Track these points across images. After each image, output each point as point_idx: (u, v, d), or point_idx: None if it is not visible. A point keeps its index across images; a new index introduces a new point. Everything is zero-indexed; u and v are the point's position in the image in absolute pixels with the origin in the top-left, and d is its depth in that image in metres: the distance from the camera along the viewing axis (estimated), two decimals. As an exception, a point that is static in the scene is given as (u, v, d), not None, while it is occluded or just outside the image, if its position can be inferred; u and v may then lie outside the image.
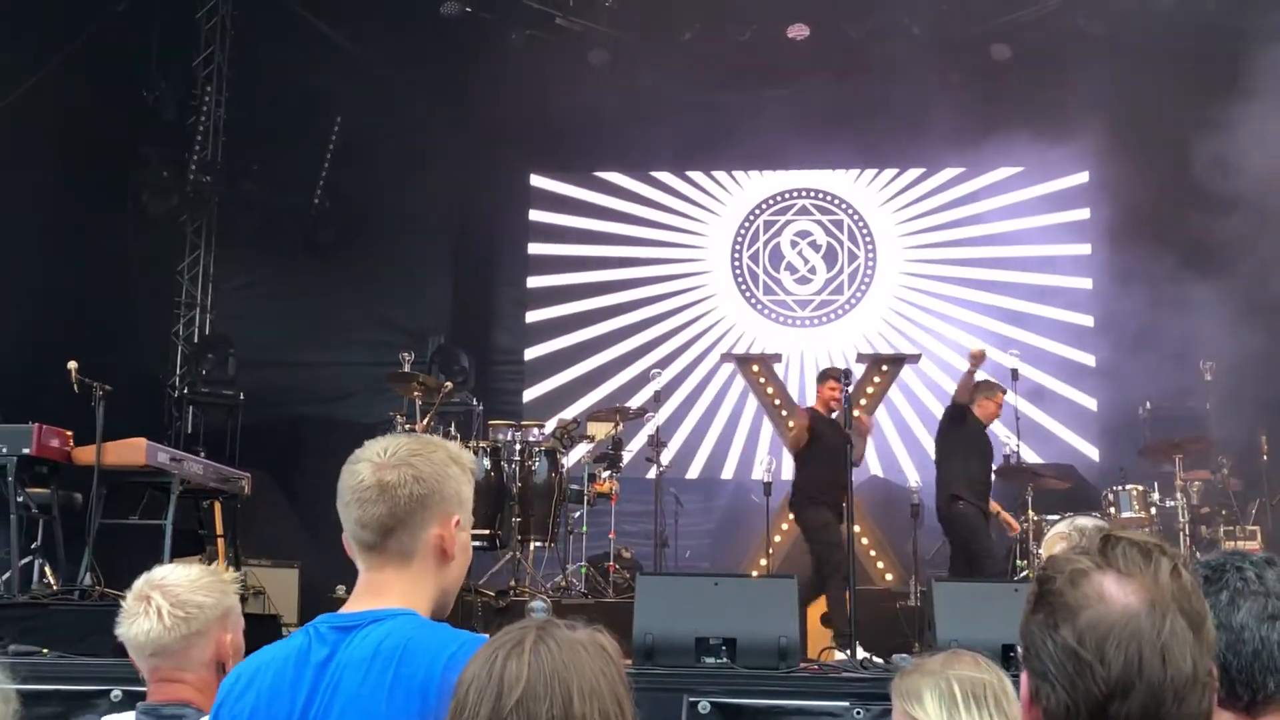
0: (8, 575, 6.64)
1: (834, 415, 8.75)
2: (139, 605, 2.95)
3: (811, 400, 12.83)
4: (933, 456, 9.56)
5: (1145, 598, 1.55)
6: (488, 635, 2.26)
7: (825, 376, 9.07)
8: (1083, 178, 12.94)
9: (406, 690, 2.17)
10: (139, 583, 2.99)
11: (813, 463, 8.74)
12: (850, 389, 7.34)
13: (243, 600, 7.98)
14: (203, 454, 9.11)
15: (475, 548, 9.42)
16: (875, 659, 6.27)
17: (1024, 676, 1.63)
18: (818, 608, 8.48)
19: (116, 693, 5.06)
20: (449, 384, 9.90)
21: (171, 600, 2.94)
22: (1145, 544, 1.61)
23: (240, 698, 2.35)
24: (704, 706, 4.95)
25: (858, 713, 4.98)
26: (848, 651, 6.56)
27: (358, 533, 2.38)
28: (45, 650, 5.49)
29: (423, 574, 2.39)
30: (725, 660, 5.44)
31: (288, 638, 2.41)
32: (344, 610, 2.38)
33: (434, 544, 2.38)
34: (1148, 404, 11.22)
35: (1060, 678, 1.55)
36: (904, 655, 5.84)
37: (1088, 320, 12.77)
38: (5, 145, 9.93)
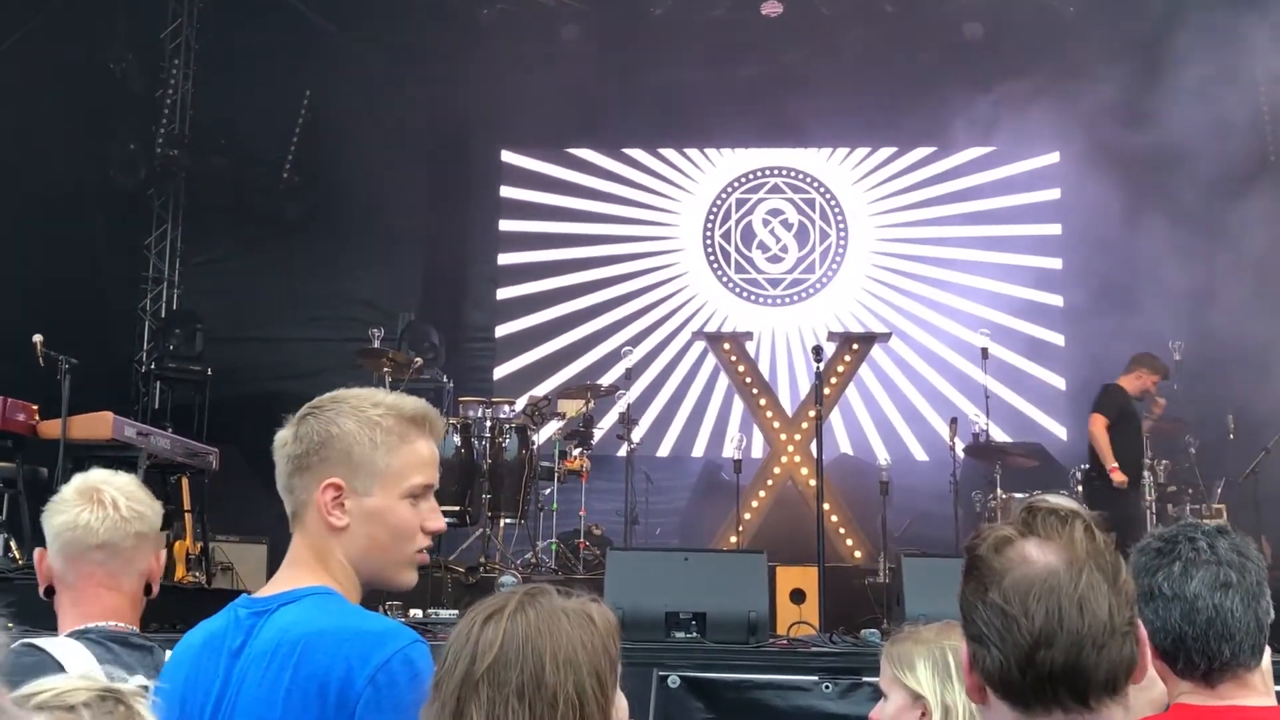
0: (-29, 549, 6.58)
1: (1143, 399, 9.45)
2: (85, 497, 2.64)
3: (783, 380, 12.98)
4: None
5: (1064, 557, 1.70)
6: (406, 625, 2.20)
7: (1140, 365, 9.42)
8: (1054, 158, 12.99)
9: (304, 692, 2.01)
10: (77, 481, 2.67)
11: (1119, 439, 9.07)
12: (821, 366, 7.33)
13: (211, 576, 7.96)
14: (170, 430, 9.04)
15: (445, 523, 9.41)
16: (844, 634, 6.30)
17: (963, 644, 1.77)
18: (787, 583, 8.49)
19: (82, 667, 5.02)
20: (418, 360, 9.86)
21: (126, 495, 2.66)
22: (1061, 510, 1.76)
23: (170, 680, 2.19)
24: (674, 680, 4.97)
25: (826, 687, 5.00)
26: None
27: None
28: (10, 625, 5.43)
29: (320, 545, 2.17)
30: (695, 635, 5.46)
31: (214, 617, 2.25)
32: (268, 586, 2.22)
33: (316, 510, 2.16)
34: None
35: (992, 636, 1.69)
36: (873, 630, 5.89)
37: (1057, 300, 12.83)
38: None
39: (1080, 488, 9.41)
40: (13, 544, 6.94)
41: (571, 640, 1.80)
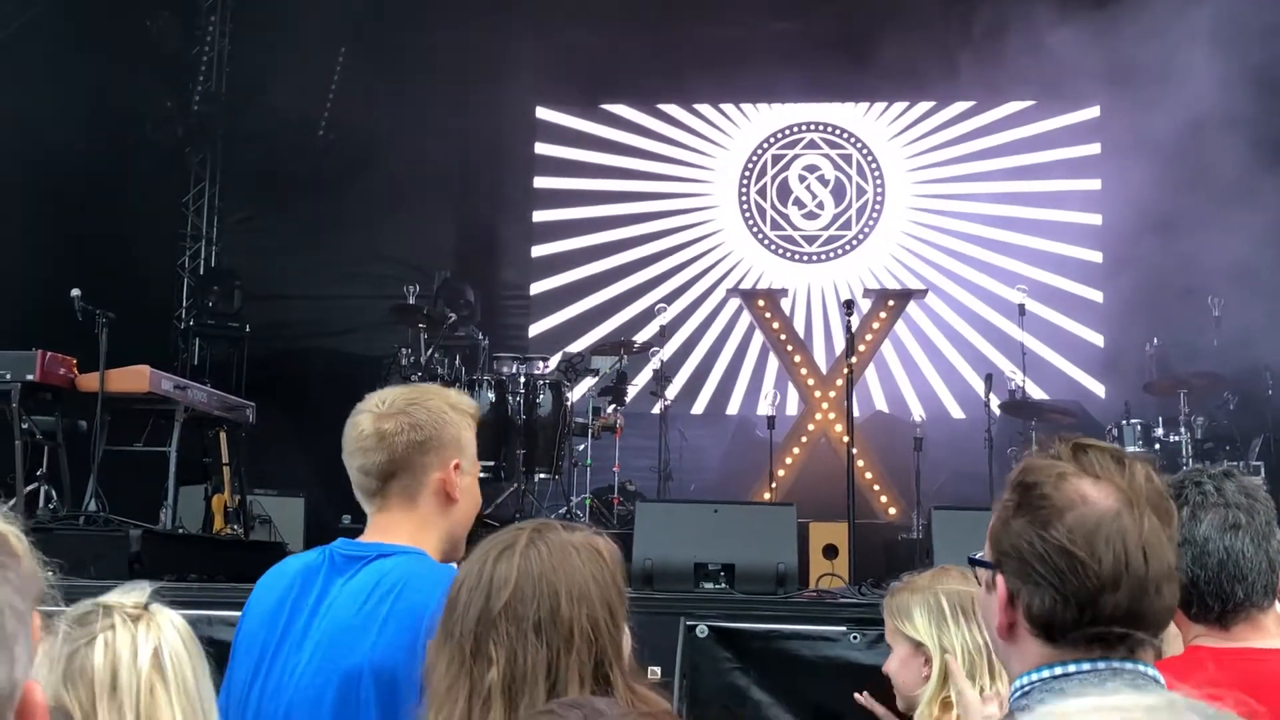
0: (14, 501, 6.69)
1: None
2: None
3: (819, 337, 12.94)
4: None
5: (1124, 499, 1.65)
6: None
7: None
8: (1094, 112, 12.81)
9: (401, 622, 2.27)
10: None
11: None
12: (853, 320, 7.29)
13: (249, 528, 8.05)
14: (209, 385, 9.14)
15: (480, 478, 9.55)
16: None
17: (1000, 580, 1.71)
18: (820, 538, 8.52)
19: (120, 614, 5.11)
20: (451, 316, 9.91)
21: None
22: (1114, 451, 1.71)
23: (260, 600, 2.53)
24: (702, 630, 5.00)
25: (854, 637, 5.01)
26: None
27: (361, 480, 2.50)
28: (50, 573, 5.53)
29: (429, 516, 2.49)
30: (724, 585, 5.50)
31: (308, 552, 2.58)
32: (364, 536, 2.53)
33: (436, 487, 2.49)
34: (1155, 340, 11.17)
35: (1049, 575, 1.63)
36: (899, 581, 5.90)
37: (1096, 256, 12.69)
38: (8, 75, 9.89)
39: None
40: (54, 495, 7.07)
41: (583, 574, 1.84)
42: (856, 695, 3.16)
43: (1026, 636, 1.67)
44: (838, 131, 13.51)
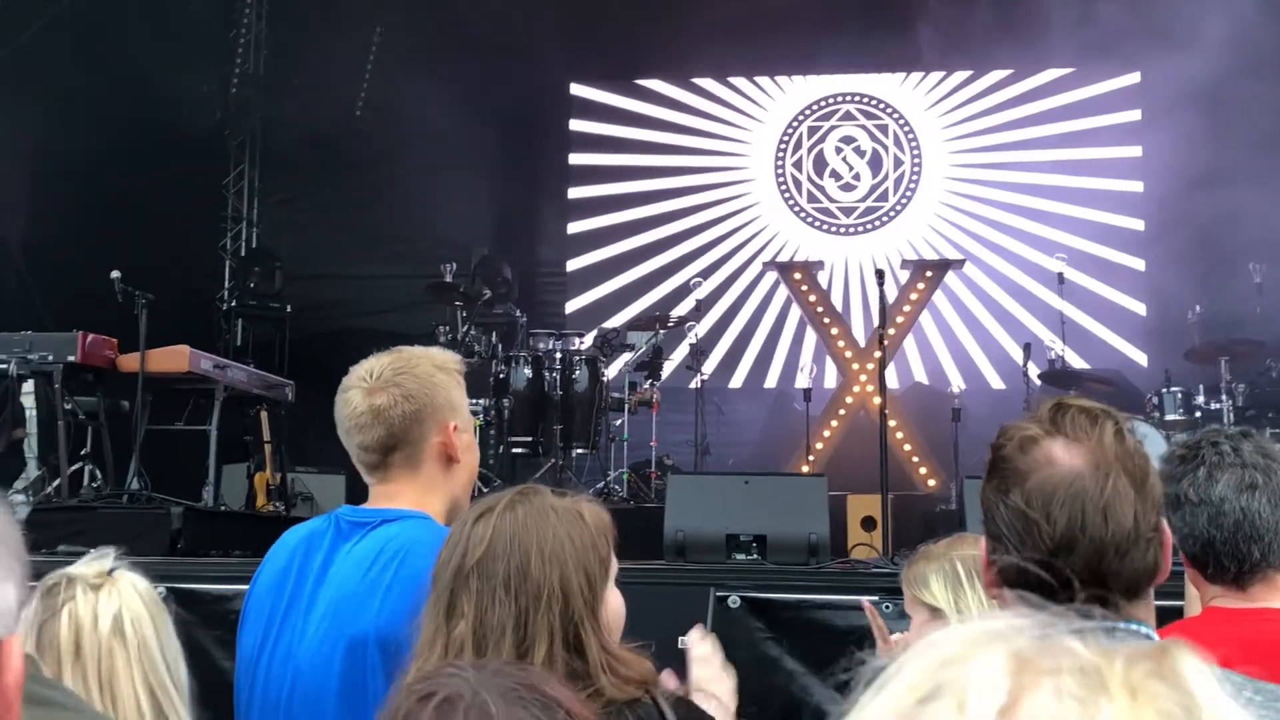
0: (58, 481, 6.82)
1: None
2: None
3: (856, 309, 12.88)
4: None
5: (1090, 460, 1.64)
6: None
7: None
8: (1135, 78, 12.64)
9: (403, 589, 2.28)
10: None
11: None
12: (885, 289, 7.24)
13: (290, 505, 8.14)
14: (251, 365, 9.24)
15: (517, 454, 9.57)
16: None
17: (982, 540, 1.75)
18: (858, 510, 8.51)
19: (161, 589, 5.21)
20: (487, 292, 9.96)
21: None
22: (1092, 410, 1.70)
23: (267, 568, 2.58)
24: (734, 600, 5.02)
25: (886, 606, 5.00)
26: None
27: (361, 456, 2.53)
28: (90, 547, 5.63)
29: (433, 480, 2.51)
30: (755, 556, 5.50)
31: (314, 519, 2.61)
32: (368, 503, 2.55)
33: (437, 451, 2.50)
34: (1197, 308, 11.02)
35: (1011, 537, 1.66)
36: (930, 552, 5.89)
37: (1138, 224, 12.54)
38: (50, 60, 10.02)
39: (1156, 414, 9.24)
40: (97, 474, 7.19)
41: (559, 536, 1.87)
42: (864, 600, 3.22)
43: (1010, 596, 1.68)
44: (874, 102, 13.41)
